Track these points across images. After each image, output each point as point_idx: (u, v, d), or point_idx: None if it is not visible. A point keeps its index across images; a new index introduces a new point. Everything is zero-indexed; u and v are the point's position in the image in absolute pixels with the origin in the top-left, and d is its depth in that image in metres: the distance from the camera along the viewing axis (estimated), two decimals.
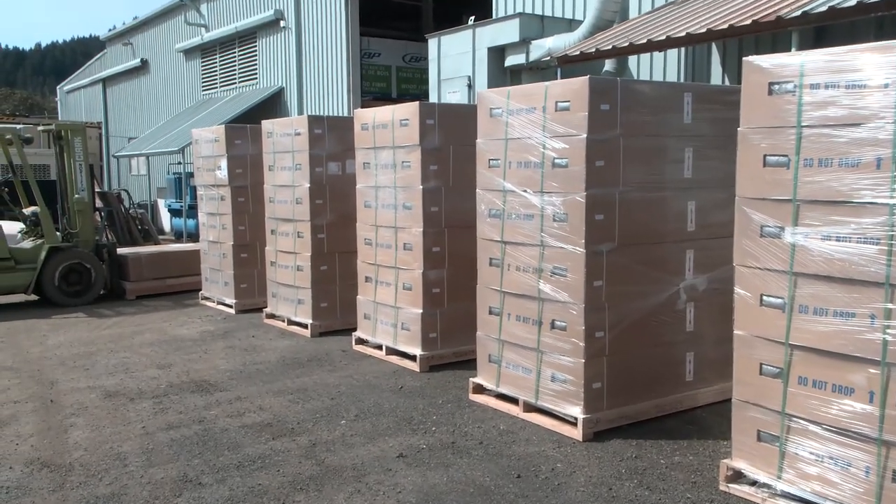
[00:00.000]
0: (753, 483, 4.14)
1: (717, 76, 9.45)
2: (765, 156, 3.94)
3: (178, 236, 19.03)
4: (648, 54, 9.91)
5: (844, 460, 3.71)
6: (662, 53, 9.84)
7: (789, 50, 7.20)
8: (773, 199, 3.91)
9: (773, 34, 8.10)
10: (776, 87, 3.88)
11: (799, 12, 6.77)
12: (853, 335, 3.63)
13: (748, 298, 4.08)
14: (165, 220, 22.21)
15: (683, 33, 7.82)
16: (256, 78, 20.11)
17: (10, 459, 5.03)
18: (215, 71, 22.25)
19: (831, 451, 3.76)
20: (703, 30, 7.59)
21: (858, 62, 3.57)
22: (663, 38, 8.05)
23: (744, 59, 4.08)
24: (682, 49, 9.63)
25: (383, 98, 18.34)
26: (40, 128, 12.49)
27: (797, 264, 3.83)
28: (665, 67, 10.01)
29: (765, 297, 3.99)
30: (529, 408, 5.53)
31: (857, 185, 3.57)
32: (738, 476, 4.21)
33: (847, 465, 3.70)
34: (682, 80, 9.77)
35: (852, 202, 3.60)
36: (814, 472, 3.84)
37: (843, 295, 3.66)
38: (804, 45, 7.39)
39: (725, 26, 7.36)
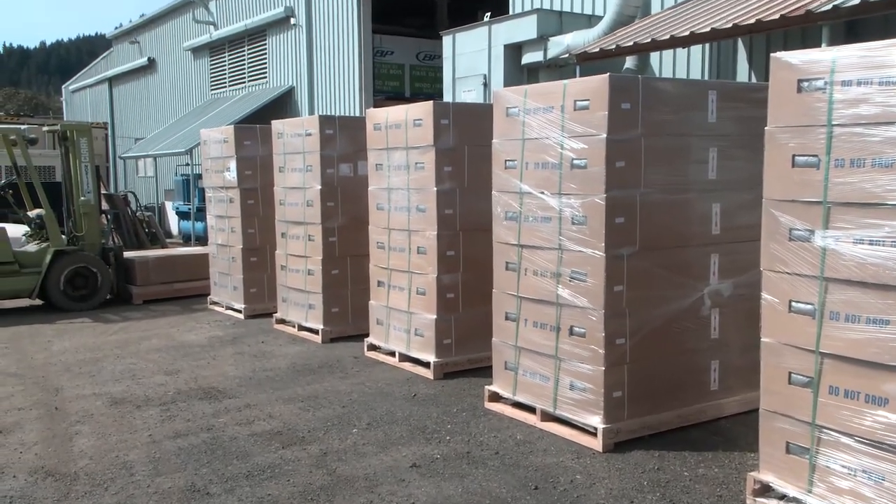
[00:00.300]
0: (782, 497, 4.09)
1: (743, 73, 9.40)
2: (793, 156, 3.90)
3: (186, 239, 19.11)
4: (671, 51, 9.88)
5: (878, 474, 3.66)
6: (686, 50, 9.80)
7: (819, 45, 7.14)
8: (802, 200, 3.87)
9: (803, 29, 8.05)
10: (805, 84, 3.84)
11: (829, 6, 6.72)
12: (887, 343, 3.58)
13: (776, 304, 4.03)
14: (173, 222, 22.34)
15: (708, 29, 7.79)
16: (266, 77, 20.20)
17: (14, 468, 5.05)
18: (224, 70, 22.36)
19: (864, 464, 3.71)
20: (729, 25, 7.55)
21: (893, 58, 3.53)
22: (687, 33, 8.01)
23: (771, 55, 4.04)
24: (707, 45, 9.59)
25: (396, 97, 18.39)
26: (45, 128, 12.60)
27: (828, 269, 3.78)
28: (688, 64, 9.97)
29: (794, 304, 3.95)
30: (547, 417, 5.50)
31: (892, 187, 3.53)
32: (765, 490, 4.17)
33: (881, 479, 3.65)
34: (706, 77, 9.72)
35: (886, 204, 3.55)
36: (846, 487, 3.79)
37: (877, 301, 3.61)
38: (835, 41, 7.34)
39: (752, 21, 7.32)
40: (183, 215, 20.03)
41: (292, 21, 18.50)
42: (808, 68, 3.83)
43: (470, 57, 11.88)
